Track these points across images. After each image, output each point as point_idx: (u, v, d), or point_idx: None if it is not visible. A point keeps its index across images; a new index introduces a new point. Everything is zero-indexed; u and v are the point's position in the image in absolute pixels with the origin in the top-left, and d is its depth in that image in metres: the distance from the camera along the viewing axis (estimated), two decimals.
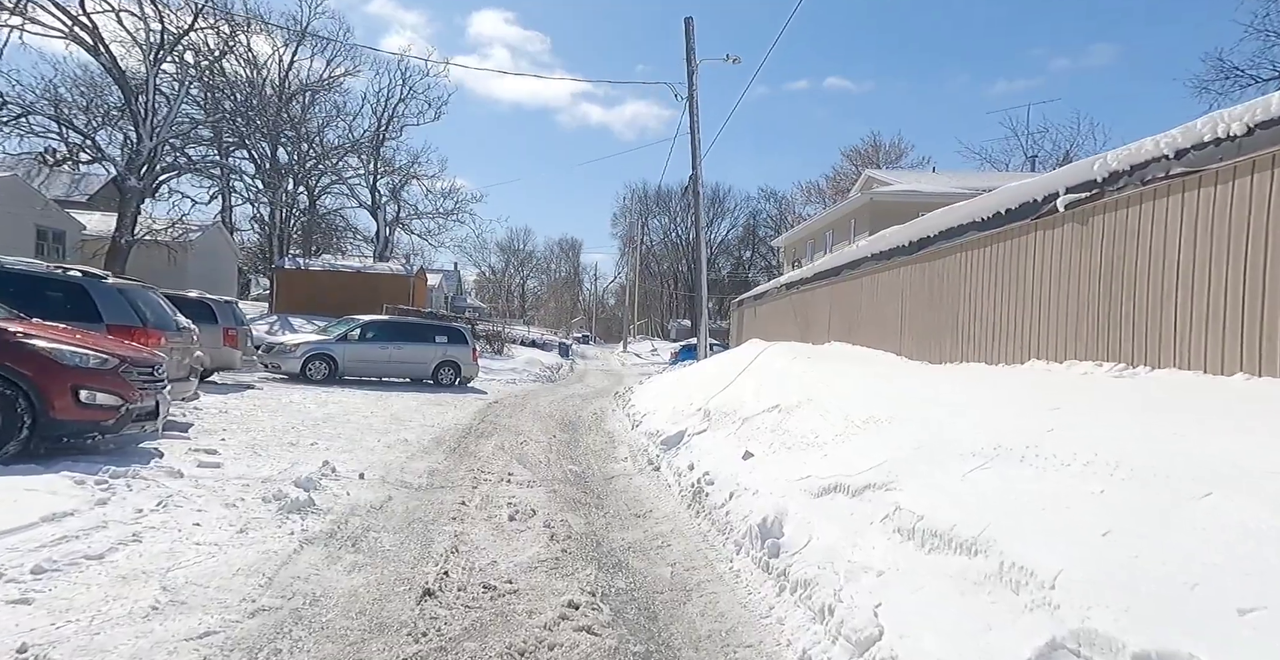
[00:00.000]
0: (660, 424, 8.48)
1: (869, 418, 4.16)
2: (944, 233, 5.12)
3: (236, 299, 12.21)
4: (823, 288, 8.62)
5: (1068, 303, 4.04)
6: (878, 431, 3.92)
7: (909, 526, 2.70)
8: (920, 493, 2.84)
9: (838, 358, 6.65)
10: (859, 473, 3.39)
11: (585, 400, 15.47)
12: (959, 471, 2.83)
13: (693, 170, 13.55)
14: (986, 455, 2.83)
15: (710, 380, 9.31)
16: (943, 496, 2.71)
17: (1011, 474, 2.61)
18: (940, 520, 2.54)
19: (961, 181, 27.02)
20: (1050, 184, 4.04)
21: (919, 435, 3.46)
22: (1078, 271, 3.89)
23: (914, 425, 3.70)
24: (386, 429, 8.68)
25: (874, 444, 3.75)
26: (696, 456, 5.88)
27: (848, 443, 4.07)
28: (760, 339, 11.51)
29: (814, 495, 3.61)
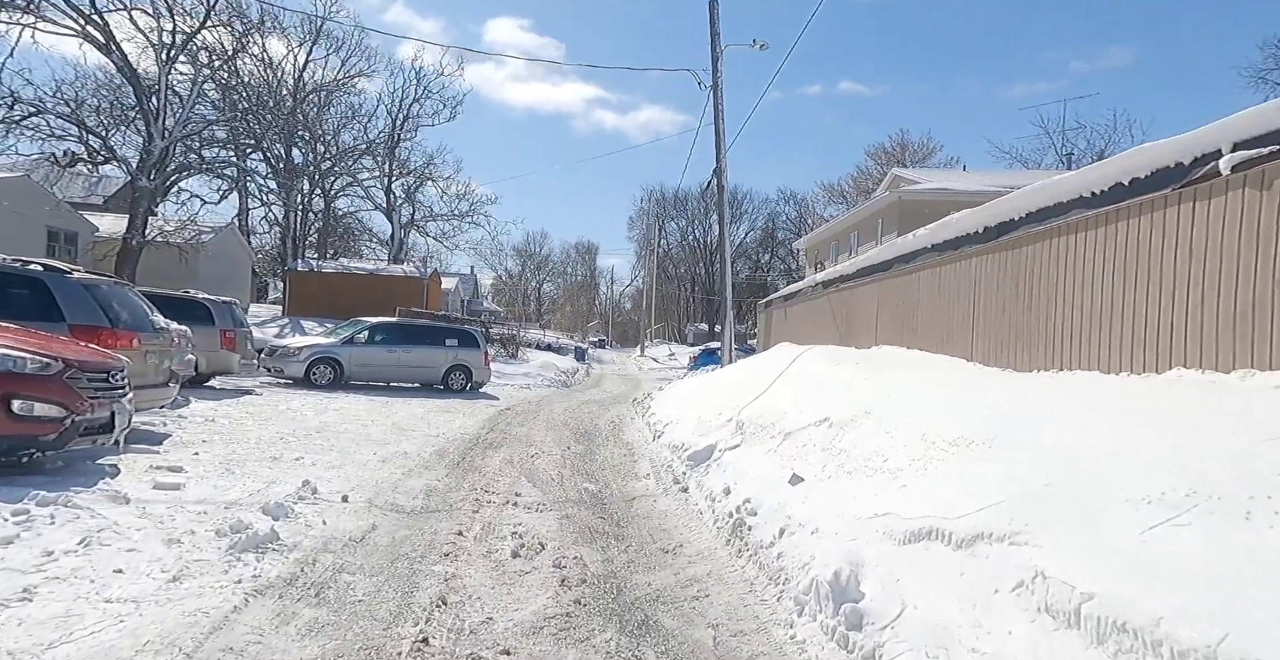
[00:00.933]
0: (685, 436, 7.67)
1: (957, 439, 3.34)
2: (1034, 214, 4.29)
3: (235, 300, 11.60)
4: (868, 285, 7.76)
5: (1232, 293, 3.11)
6: (974, 458, 3.09)
7: (1066, 607, 1.88)
8: (1074, 555, 2.02)
9: (892, 364, 5.81)
10: (962, 516, 2.58)
11: (602, 407, 14.69)
12: (1133, 526, 2.00)
13: (716, 163, 12.74)
14: (1174, 504, 2.01)
15: (739, 387, 8.48)
16: (1119, 564, 1.89)
17: (1235, 539, 1.78)
18: (1129, 607, 1.70)
19: (995, 179, 25.93)
20: (1202, 142, 3.19)
21: (1043, 467, 2.63)
22: (1252, 251, 2.98)
23: (1027, 452, 2.87)
24: (385, 439, 7.95)
25: (973, 475, 2.93)
26: (732, 477, 5.06)
27: (932, 471, 3.25)
28: (791, 342, 10.63)
29: (898, 541, 2.79)
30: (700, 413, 8.46)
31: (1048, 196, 4.12)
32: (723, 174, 12.86)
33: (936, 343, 5.75)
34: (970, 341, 5.17)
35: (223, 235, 28.44)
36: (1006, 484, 2.63)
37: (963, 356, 5.31)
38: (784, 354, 9.22)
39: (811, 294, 10.02)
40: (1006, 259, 4.64)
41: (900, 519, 2.88)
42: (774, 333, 12.80)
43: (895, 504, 3.09)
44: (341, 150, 34.82)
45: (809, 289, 10.27)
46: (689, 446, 6.98)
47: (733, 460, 5.65)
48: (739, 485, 4.74)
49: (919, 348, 6.16)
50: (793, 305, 11.54)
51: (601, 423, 11.62)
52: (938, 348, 5.73)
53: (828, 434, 4.67)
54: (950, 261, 5.62)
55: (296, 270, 28.91)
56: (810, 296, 10.15)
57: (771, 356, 9.56)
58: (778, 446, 5.20)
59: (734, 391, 8.50)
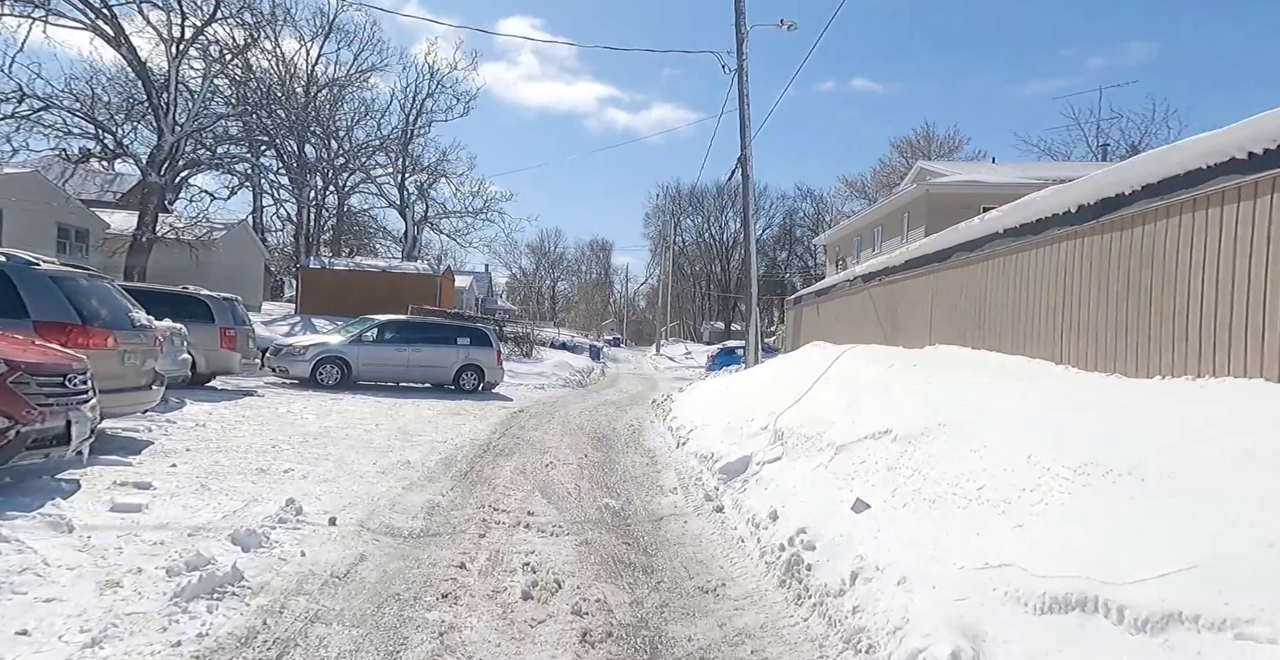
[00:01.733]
0: (714, 444, 6.99)
1: (1084, 464, 2.63)
2: (1153, 187, 3.58)
3: (237, 296, 11.09)
4: (919, 278, 6.99)
5: None
6: (1120, 494, 2.39)
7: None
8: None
9: (957, 366, 5.09)
10: (1138, 581, 1.88)
11: (619, 409, 14.04)
12: None
13: (741, 151, 12.01)
14: None
15: (771, 391, 7.79)
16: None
17: None
18: None
19: (1029, 172, 24.94)
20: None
21: (1249, 518, 1.93)
22: None
23: (1207, 492, 2.15)
24: (389, 446, 7.34)
25: (1130, 518, 2.23)
26: (776, 498, 4.37)
27: (1056, 507, 2.54)
28: (825, 342, 9.89)
29: (1031, 609, 2.10)
30: (729, 418, 7.78)
31: (1175, 163, 3.39)
32: (747, 162, 12.12)
33: (1013, 342, 5.02)
34: (1059, 341, 4.43)
35: (235, 232, 28.12)
36: (1192, 536, 1.94)
37: (1048, 358, 4.57)
38: (818, 354, 8.50)
39: (849, 289, 9.24)
40: (1111, 242, 3.91)
41: (1029, 575, 2.19)
42: (804, 331, 12.03)
43: (1013, 551, 2.40)
44: (355, 146, 34.47)
45: (845, 284, 9.50)
46: (720, 456, 6.29)
47: (774, 476, 4.95)
48: (787, 508, 4.05)
49: (988, 348, 5.42)
50: (826, 301, 10.76)
51: (620, 426, 10.96)
52: (1015, 348, 4.99)
53: (892, 450, 3.97)
54: (1030, 247, 4.86)
55: (308, 267, 28.54)
56: (847, 291, 9.36)
57: (804, 357, 8.85)
58: (828, 462, 4.49)
59: (765, 395, 7.80)
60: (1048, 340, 4.62)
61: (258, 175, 33.19)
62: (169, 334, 8.40)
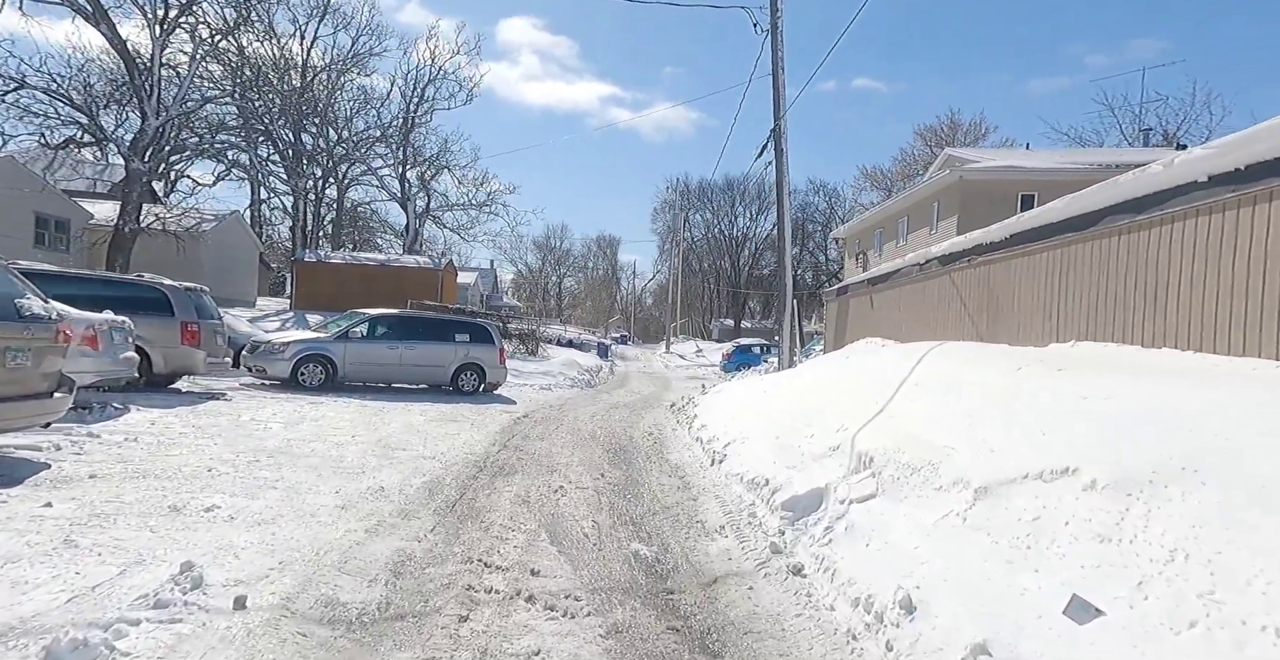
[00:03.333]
0: (763, 464, 5.59)
1: None
2: None
3: (204, 287, 9.75)
4: (1036, 254, 5.45)
5: None
6: None
7: None
8: None
9: (1132, 371, 3.67)
10: None
11: (634, 412, 12.65)
12: None
13: (775, 122, 10.57)
14: None
15: (825, 397, 6.38)
16: None
17: None
18: None
19: (1071, 157, 23.39)
20: None
21: None
22: None
23: None
24: (362, 466, 5.97)
25: None
26: (898, 567, 2.98)
27: None
28: (881, 338, 8.50)
29: None
30: (776, 431, 6.37)
31: None
32: (782, 136, 10.68)
33: (1224, 338, 3.60)
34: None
35: (226, 224, 26.89)
36: None
37: (1274, 357, 3.21)
38: (879, 353, 7.09)
39: (918, 274, 7.74)
40: None
41: None
42: (851, 326, 10.59)
43: None
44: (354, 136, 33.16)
45: (912, 268, 8.03)
46: (777, 484, 4.90)
47: (873, 524, 3.55)
48: (926, 593, 2.65)
49: (1171, 345, 4.02)
50: (883, 291, 9.20)
51: (638, 435, 9.58)
52: (1236, 347, 3.57)
53: (1094, 506, 2.56)
54: (1259, 201, 3.44)
55: (303, 261, 27.26)
56: (916, 277, 7.86)
57: (861, 357, 7.43)
58: (964, 511, 3.09)
59: (819, 403, 6.39)
60: (1271, 334, 3.22)
61: (255, 167, 31.93)
62: (106, 328, 7.07)
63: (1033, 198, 20.67)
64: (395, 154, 35.09)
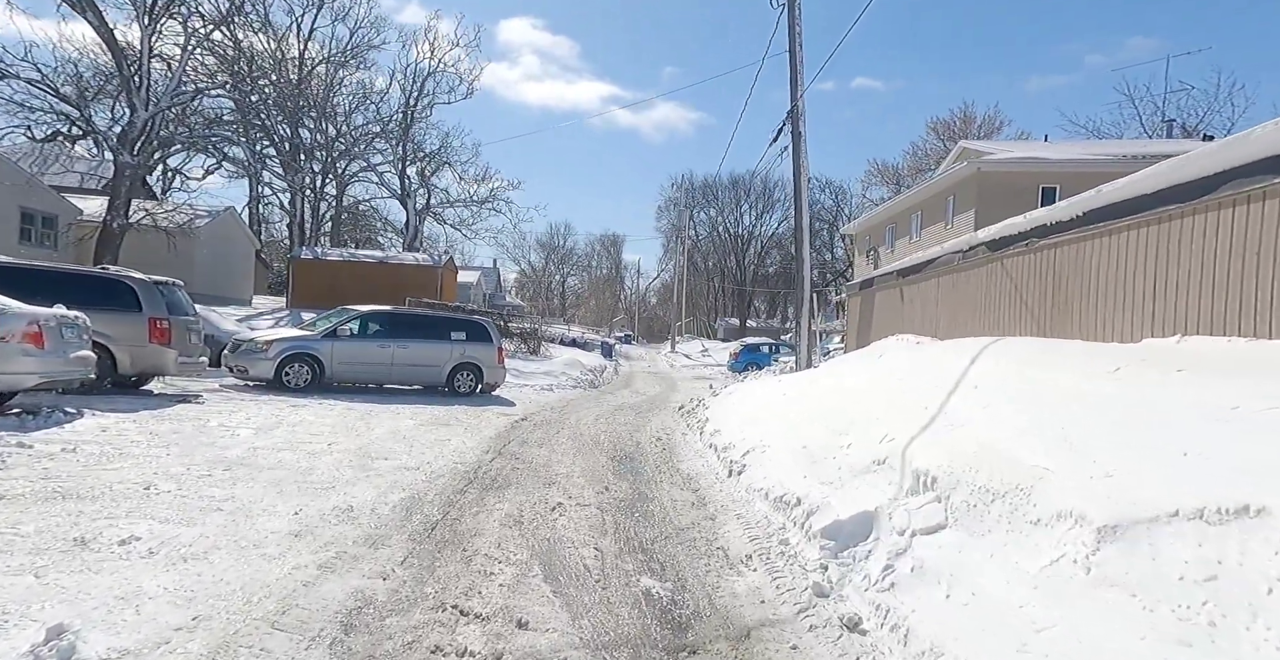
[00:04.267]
0: (790, 478, 4.85)
1: None
2: None
3: (177, 281, 9.01)
4: (1120, 232, 4.69)
5: None
6: None
7: None
8: None
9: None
10: None
11: (640, 415, 11.92)
12: None
13: (792, 103, 9.79)
14: None
15: (861, 400, 5.62)
16: None
17: None
18: None
19: (1095, 149, 22.53)
20: None
21: None
22: None
23: None
24: (332, 480, 5.24)
25: None
26: (1034, 653, 2.22)
27: None
28: (914, 334, 7.74)
29: None
30: (803, 439, 5.61)
31: None
32: (799, 118, 9.89)
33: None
34: None
35: (221, 220, 26.23)
36: None
37: None
38: (915, 351, 6.33)
39: (960, 263, 6.92)
40: None
41: None
42: (877, 322, 9.78)
43: None
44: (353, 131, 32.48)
45: (951, 256, 7.20)
46: (811, 505, 4.15)
47: (951, 565, 2.80)
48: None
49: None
50: (915, 283, 8.27)
51: (644, 440, 8.84)
52: None
53: None
54: None
55: (300, 258, 26.60)
56: (957, 266, 7.01)
57: (893, 355, 6.67)
58: (1088, 558, 2.34)
59: (851, 407, 5.63)
60: None
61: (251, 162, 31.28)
62: (54, 324, 6.35)
63: (1054, 190, 19.83)
64: (395, 149, 34.41)
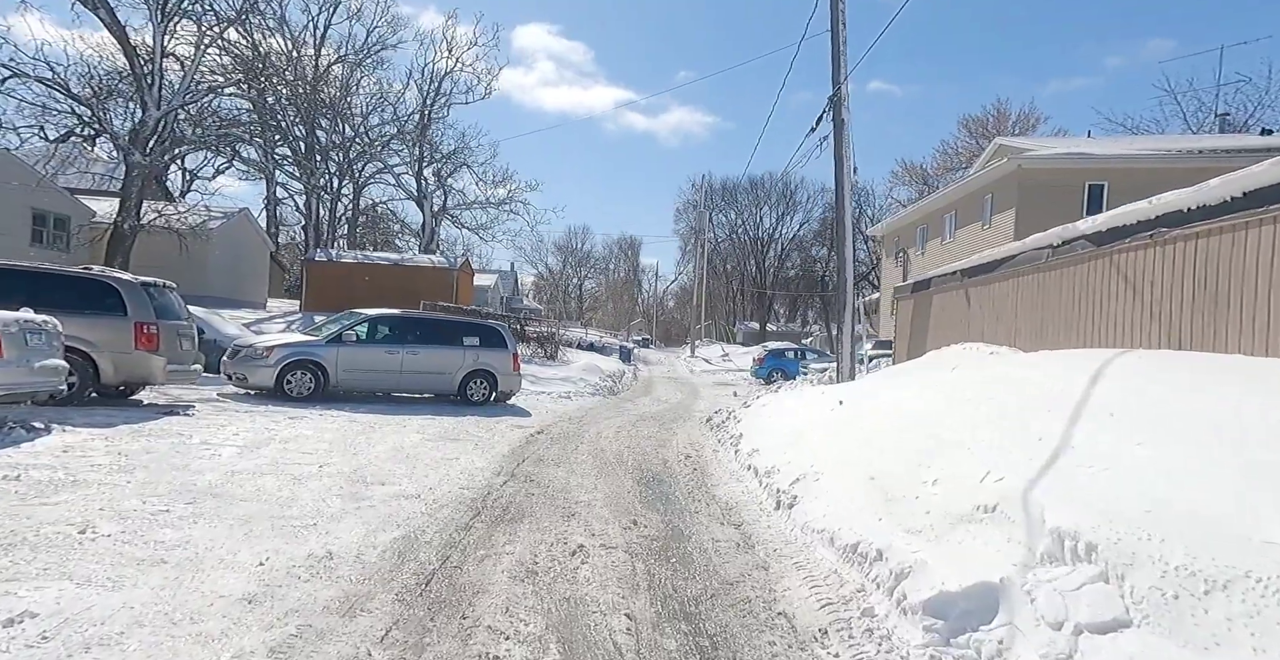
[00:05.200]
0: (862, 521, 3.99)
1: None
2: None
3: (169, 283, 8.32)
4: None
5: None
6: None
7: None
8: None
9: None
10: None
11: (663, 426, 11.08)
12: None
13: (834, 88, 8.88)
14: None
15: (940, 421, 4.74)
16: None
17: None
18: None
19: (1145, 144, 21.29)
20: None
21: None
22: None
23: None
24: (314, 514, 4.47)
25: None
26: None
27: None
28: (981, 343, 6.82)
29: None
30: (869, 468, 4.74)
31: None
32: (842, 104, 9.00)
33: None
34: None
35: (235, 222, 25.84)
36: None
37: None
38: (1002, 366, 5.42)
39: (1051, 260, 5.81)
40: None
41: None
42: (934, 329, 8.79)
43: None
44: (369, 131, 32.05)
45: (1038, 252, 6.12)
46: (900, 563, 3.28)
47: None
48: None
49: None
50: (985, 284, 6.97)
51: (672, 457, 8.01)
52: None
53: None
54: None
55: (313, 260, 26.13)
56: (1045, 264, 5.89)
57: (969, 371, 5.76)
58: None
59: (928, 430, 4.75)
60: None
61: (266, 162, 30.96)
62: (16, 330, 5.66)
63: (1102, 188, 18.71)
64: (411, 150, 33.94)
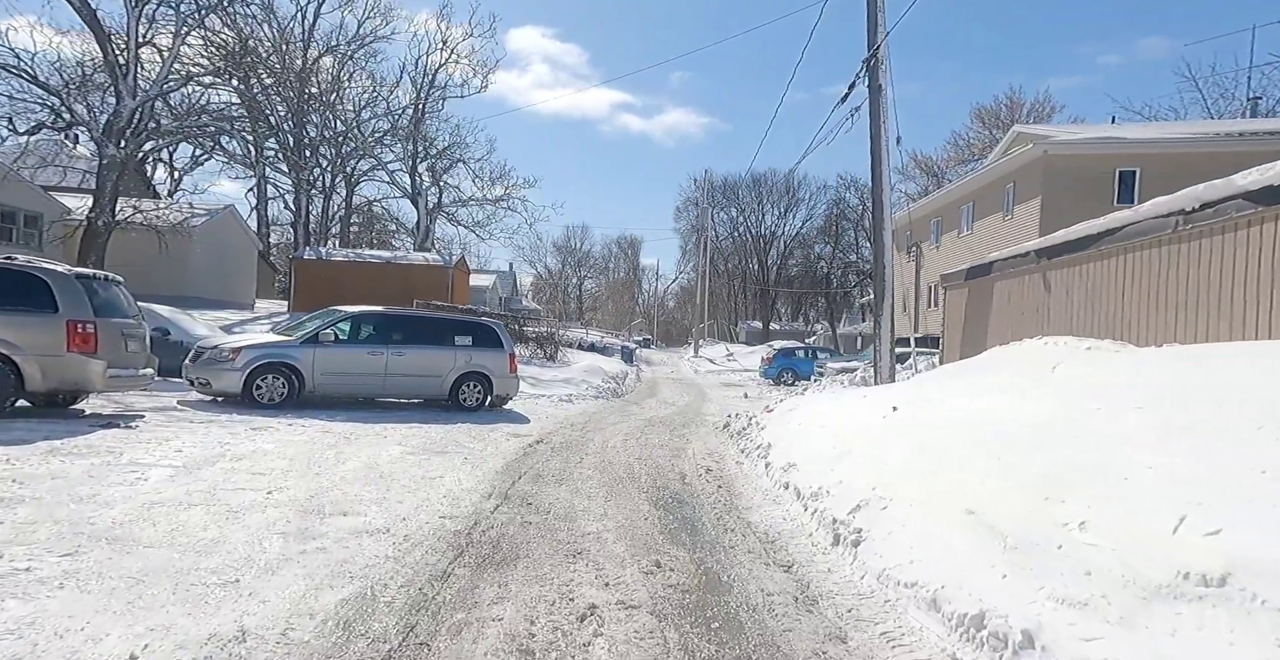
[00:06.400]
0: (982, 581, 2.93)
1: None
2: None
3: (112, 275, 7.16)
4: None
5: None
6: None
7: None
8: None
9: None
10: None
11: (675, 432, 10.02)
12: None
13: (870, 52, 7.77)
14: None
15: (1040, 437, 3.68)
16: None
17: None
18: None
19: (1177, 129, 20.24)
20: None
21: None
22: None
23: None
24: (243, 564, 3.40)
25: None
26: None
27: None
28: (1069, 336, 5.77)
29: None
30: (963, 499, 3.67)
31: None
32: (878, 68, 7.90)
33: None
34: None
35: (219, 219, 24.75)
36: None
37: None
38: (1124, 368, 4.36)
39: (1180, 230, 4.44)
40: None
41: None
42: (996, 322, 7.66)
43: None
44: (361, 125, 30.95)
45: (1163, 222, 4.79)
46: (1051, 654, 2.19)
47: None
48: None
49: None
50: (1076, 264, 6.26)
51: (690, 471, 6.94)
52: None
53: None
54: None
55: (302, 259, 25.05)
56: (1173, 236, 4.45)
57: (1068, 369, 4.70)
58: None
59: (1024, 445, 3.70)
60: None
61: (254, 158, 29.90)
62: None
63: (1133, 174, 17.64)
64: (405, 146, 32.84)
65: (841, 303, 58.86)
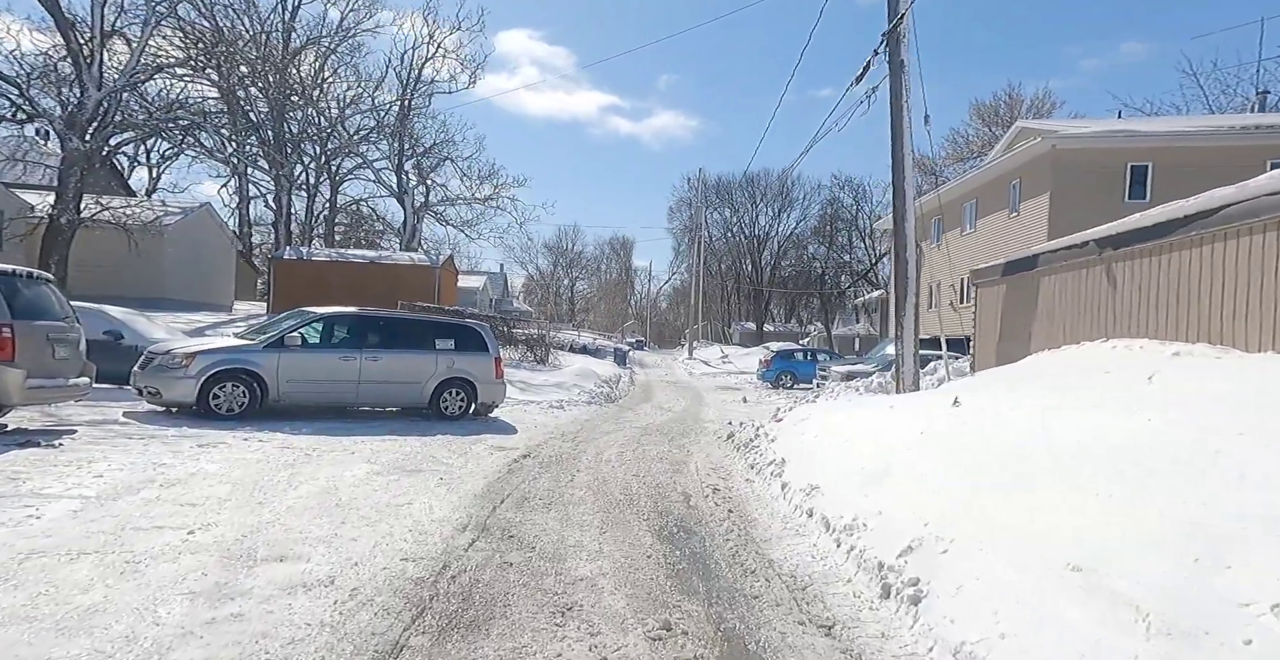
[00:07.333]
0: None
1: None
2: None
3: (37, 272, 6.21)
4: None
5: None
6: None
7: None
8: None
9: None
10: None
11: (674, 442, 9.21)
12: None
13: (890, 24, 7.01)
14: None
15: (1171, 472, 2.89)
16: None
17: None
18: None
19: (1189, 122, 19.62)
20: None
21: None
22: None
23: None
24: (121, 649, 2.54)
25: None
26: None
27: None
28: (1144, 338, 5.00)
29: None
30: (1058, 542, 2.91)
31: None
32: (900, 42, 7.12)
33: None
34: None
35: (195, 218, 23.74)
36: None
37: None
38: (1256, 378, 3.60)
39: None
40: None
41: None
42: (1043, 322, 6.84)
43: None
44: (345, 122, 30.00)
45: (1269, 199, 4.19)
46: None
47: None
48: None
49: None
50: (1149, 255, 5.51)
51: (694, 490, 6.13)
52: None
53: None
54: None
55: (282, 259, 24.08)
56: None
57: (1170, 379, 3.92)
58: None
59: (1131, 476, 2.92)
60: None
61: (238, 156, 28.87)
62: None
63: (1146, 169, 16.99)
64: (391, 144, 31.90)
65: (836, 303, 58.27)
